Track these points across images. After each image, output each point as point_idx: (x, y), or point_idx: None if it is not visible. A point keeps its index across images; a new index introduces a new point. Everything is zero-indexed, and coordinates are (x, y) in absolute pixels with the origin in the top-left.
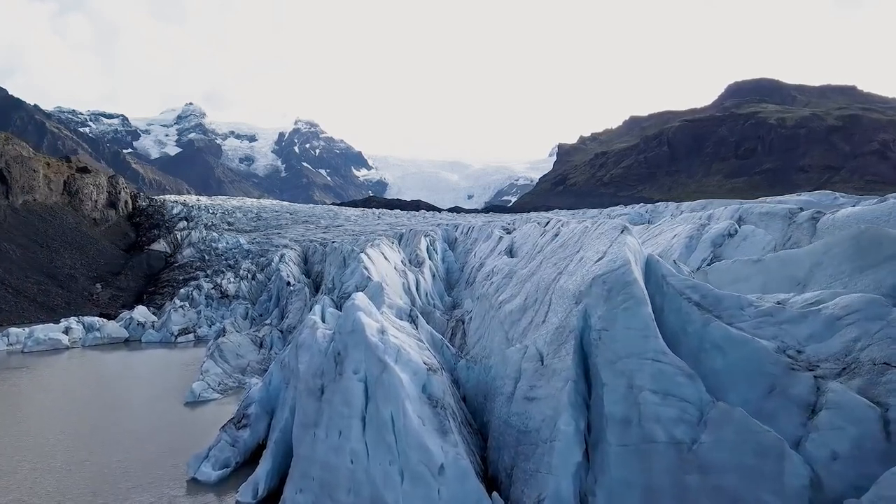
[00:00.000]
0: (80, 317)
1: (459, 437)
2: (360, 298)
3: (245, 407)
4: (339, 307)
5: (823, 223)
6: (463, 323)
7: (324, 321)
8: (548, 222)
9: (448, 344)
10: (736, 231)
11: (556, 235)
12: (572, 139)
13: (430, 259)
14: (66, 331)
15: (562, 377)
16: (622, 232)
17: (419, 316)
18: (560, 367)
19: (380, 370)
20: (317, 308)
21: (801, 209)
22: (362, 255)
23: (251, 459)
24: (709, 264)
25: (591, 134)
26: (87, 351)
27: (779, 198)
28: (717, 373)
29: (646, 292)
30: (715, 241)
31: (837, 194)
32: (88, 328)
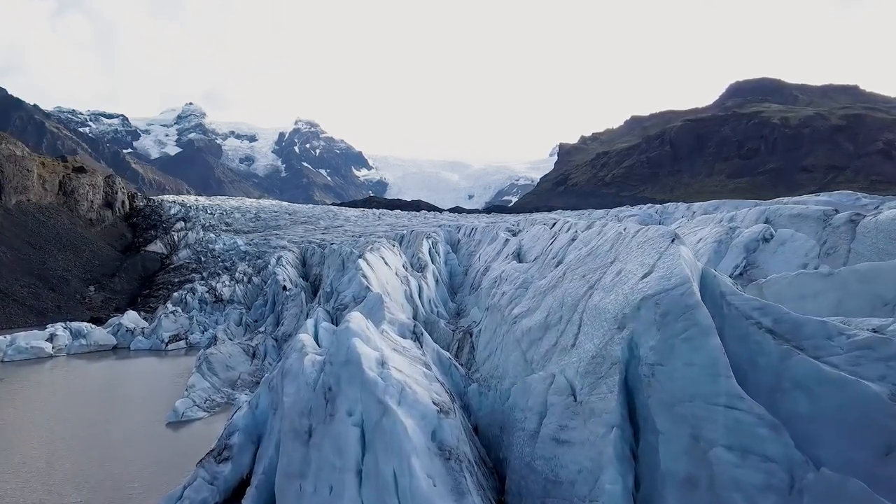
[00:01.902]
0: (68, 322)
1: (479, 497)
2: (355, 320)
3: (227, 436)
4: (335, 319)
5: (864, 226)
6: (471, 335)
7: (317, 339)
8: (554, 223)
9: (457, 364)
10: (771, 235)
11: (573, 240)
12: (573, 139)
13: (432, 262)
14: (51, 338)
15: (603, 421)
16: (673, 241)
17: (424, 332)
18: (601, 407)
19: (379, 414)
20: (308, 323)
21: (836, 211)
22: (360, 260)
23: (234, 497)
24: (741, 272)
25: (593, 134)
26: (72, 360)
27: (797, 198)
28: (802, 421)
29: (711, 318)
30: (748, 247)
31: (859, 194)
32: (75, 335)
